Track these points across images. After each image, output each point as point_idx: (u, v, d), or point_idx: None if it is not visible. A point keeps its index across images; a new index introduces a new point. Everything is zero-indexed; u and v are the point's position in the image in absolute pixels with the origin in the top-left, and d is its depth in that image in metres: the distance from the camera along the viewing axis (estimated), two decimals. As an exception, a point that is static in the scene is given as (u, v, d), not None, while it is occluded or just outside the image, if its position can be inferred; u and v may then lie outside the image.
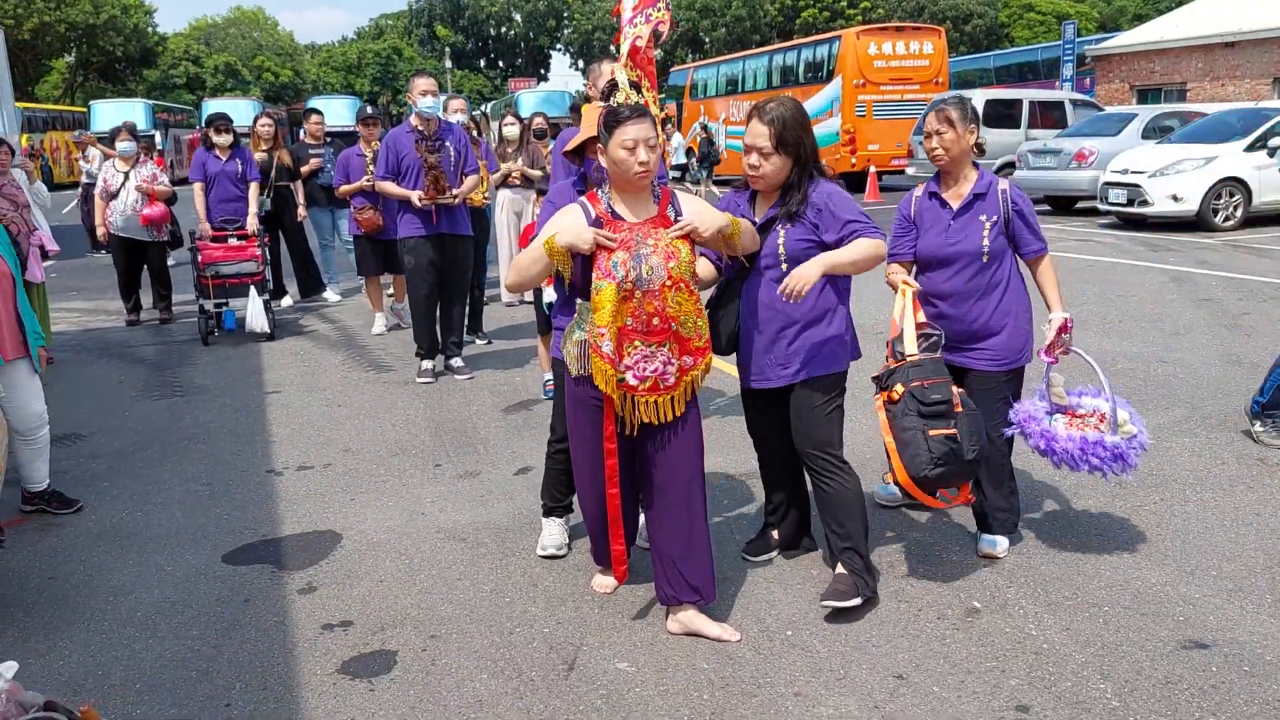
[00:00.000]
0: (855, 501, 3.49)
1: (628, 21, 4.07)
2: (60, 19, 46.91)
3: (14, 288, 4.32)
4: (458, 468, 5.08)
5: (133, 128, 9.41)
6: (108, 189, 8.88)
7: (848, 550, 3.46)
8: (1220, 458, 4.77)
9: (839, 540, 3.48)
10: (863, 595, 3.40)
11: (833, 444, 3.51)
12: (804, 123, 3.38)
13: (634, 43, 3.98)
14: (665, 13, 4.19)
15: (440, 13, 74.01)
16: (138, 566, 4.03)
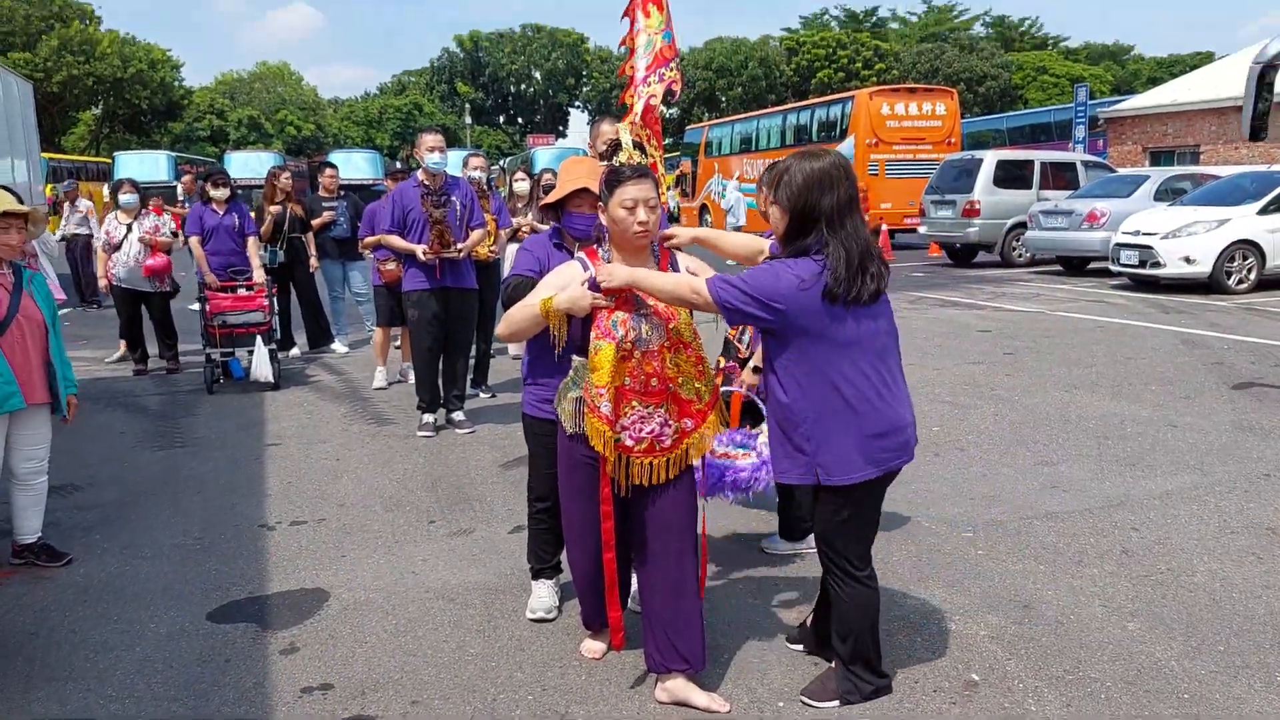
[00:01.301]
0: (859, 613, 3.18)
1: (641, 80, 4.09)
2: (89, 72, 47.89)
3: (46, 334, 4.48)
4: (452, 525, 5.01)
5: (134, 183, 9.54)
6: (111, 241, 8.95)
7: (838, 656, 3.23)
8: (1230, 527, 4.66)
9: (837, 642, 3.24)
10: (841, 700, 3.17)
11: (834, 547, 3.16)
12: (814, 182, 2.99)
13: (648, 101, 4.00)
14: (676, 72, 4.22)
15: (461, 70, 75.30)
16: (121, 623, 3.96)
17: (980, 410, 7.02)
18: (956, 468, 5.70)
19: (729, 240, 3.68)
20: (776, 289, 2.92)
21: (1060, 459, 5.81)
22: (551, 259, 3.74)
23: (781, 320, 2.94)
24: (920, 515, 4.93)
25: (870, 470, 3.04)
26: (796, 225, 3.03)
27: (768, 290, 2.92)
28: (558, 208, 3.80)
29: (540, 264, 3.72)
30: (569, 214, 3.76)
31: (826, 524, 3.13)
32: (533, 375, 3.71)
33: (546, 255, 3.77)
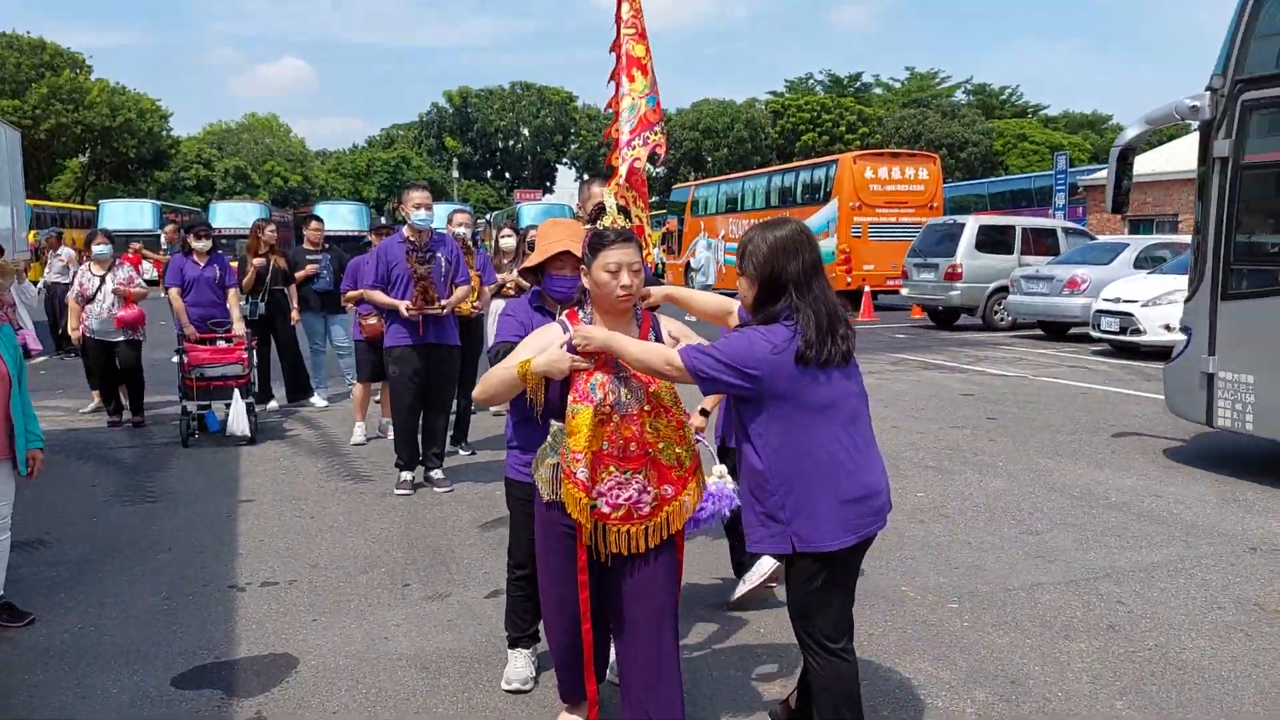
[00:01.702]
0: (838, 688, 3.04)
1: (625, 144, 4.11)
2: (77, 120, 48.06)
3: (9, 389, 4.34)
4: (427, 588, 4.90)
5: (108, 234, 9.51)
6: (84, 293, 8.86)
7: None
8: (1217, 602, 4.61)
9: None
10: None
11: (810, 620, 3.03)
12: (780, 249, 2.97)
13: (632, 164, 4.00)
14: (661, 135, 4.25)
15: (450, 124, 75.93)
16: (82, 688, 3.83)
17: (964, 476, 6.98)
18: (941, 536, 5.64)
19: (699, 299, 3.63)
20: (751, 354, 2.88)
21: (1045, 528, 5.76)
22: (533, 322, 3.69)
23: (757, 386, 2.88)
24: (904, 585, 4.86)
25: (847, 538, 2.93)
26: (765, 293, 2.99)
27: (741, 356, 2.88)
28: (538, 270, 3.75)
29: (524, 328, 3.66)
30: (550, 276, 3.70)
31: (801, 595, 3.02)
32: (517, 439, 3.65)
33: (529, 318, 3.72)
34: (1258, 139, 6.78)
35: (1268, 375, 6.57)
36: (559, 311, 3.71)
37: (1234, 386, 6.80)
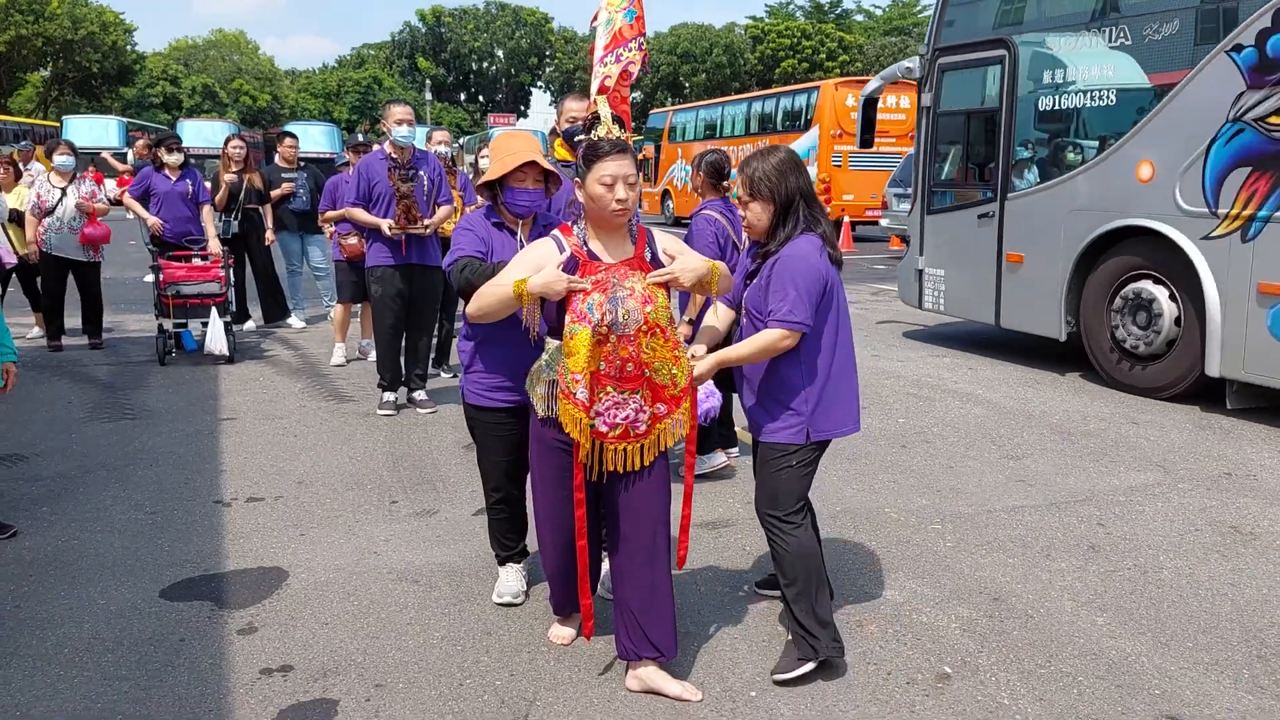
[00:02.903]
0: (796, 560, 3.28)
1: (598, 60, 3.99)
2: (38, 32, 46.57)
3: None
4: (414, 505, 4.90)
5: (71, 145, 9.13)
6: (42, 206, 8.49)
7: (786, 611, 3.33)
8: (1194, 523, 4.69)
9: (786, 593, 3.31)
10: (806, 659, 3.22)
11: (782, 504, 3.30)
12: (782, 169, 3.25)
13: (603, 81, 3.89)
14: (638, 53, 4.12)
15: (423, 45, 74.33)
16: (70, 599, 3.81)
17: (945, 404, 7.04)
18: (923, 460, 5.69)
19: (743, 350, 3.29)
20: (819, 274, 3.17)
21: (1025, 453, 5.83)
22: (492, 237, 3.61)
23: (830, 298, 3.22)
24: (888, 507, 4.92)
25: (853, 426, 3.35)
26: (783, 212, 3.26)
27: (816, 282, 3.16)
28: (495, 186, 3.64)
29: (484, 243, 3.58)
30: (511, 190, 3.56)
31: (785, 481, 3.28)
32: (480, 362, 3.59)
33: (487, 233, 3.61)
34: (948, 93, 8.88)
35: (953, 270, 8.84)
36: (518, 226, 3.64)
37: (933, 279, 9.06)
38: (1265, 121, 6.25)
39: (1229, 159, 6.50)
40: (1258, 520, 4.75)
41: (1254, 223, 6.36)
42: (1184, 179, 6.77)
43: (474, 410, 3.66)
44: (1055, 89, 7.83)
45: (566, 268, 3.03)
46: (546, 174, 3.61)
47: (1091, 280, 7.59)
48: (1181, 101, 6.78)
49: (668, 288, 3.10)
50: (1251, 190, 6.35)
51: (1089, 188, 7.52)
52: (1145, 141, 7.04)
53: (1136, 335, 7.25)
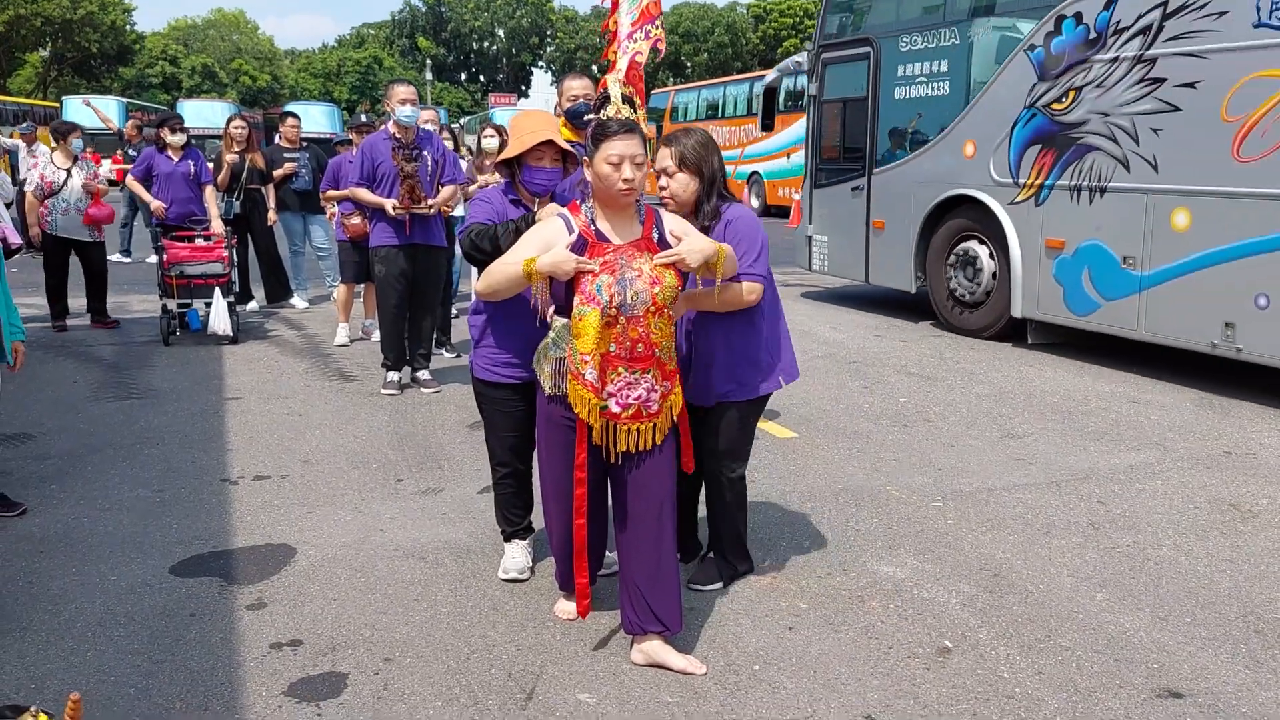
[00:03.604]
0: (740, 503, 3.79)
1: (626, 36, 3.99)
2: (37, 12, 46.39)
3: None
4: (420, 483, 4.94)
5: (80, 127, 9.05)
6: (48, 187, 8.42)
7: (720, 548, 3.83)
8: (1194, 501, 4.73)
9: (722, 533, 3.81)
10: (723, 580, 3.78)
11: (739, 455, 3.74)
12: (708, 145, 3.54)
13: (633, 58, 3.90)
14: (661, 30, 4.13)
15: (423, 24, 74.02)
16: (80, 575, 3.86)
17: (946, 383, 7.07)
18: (924, 439, 5.73)
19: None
20: (764, 234, 3.52)
21: (1026, 432, 5.86)
22: (508, 213, 3.64)
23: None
24: (889, 485, 4.96)
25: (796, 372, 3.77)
26: (708, 187, 3.50)
27: (765, 241, 3.51)
28: (513, 163, 3.67)
29: (500, 216, 3.61)
30: (528, 168, 3.61)
31: (748, 434, 3.70)
32: (491, 337, 3.62)
33: (504, 208, 3.66)
34: (830, 84, 10.20)
35: (834, 236, 10.22)
36: (535, 205, 3.66)
37: (820, 244, 10.46)
38: (1050, 107, 7.68)
39: (1026, 138, 7.92)
40: (1257, 498, 4.79)
41: (1043, 190, 7.83)
42: (996, 155, 8.21)
43: (482, 385, 3.69)
44: (907, 81, 9.18)
45: (574, 248, 3.04)
46: (564, 154, 3.64)
47: (933, 241, 9.01)
48: (994, 91, 8.22)
49: (675, 268, 3.12)
50: (1042, 163, 7.79)
51: (930, 164, 8.90)
52: (969, 125, 8.48)
53: (965, 286, 8.72)
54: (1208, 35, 6.52)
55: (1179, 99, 6.73)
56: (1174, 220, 6.81)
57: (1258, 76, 6.23)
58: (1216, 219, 6.54)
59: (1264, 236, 6.26)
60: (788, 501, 4.71)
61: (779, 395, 6.54)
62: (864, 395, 6.70)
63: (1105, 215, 7.32)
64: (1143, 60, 6.93)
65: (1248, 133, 6.30)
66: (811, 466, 5.23)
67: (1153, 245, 6.98)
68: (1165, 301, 6.93)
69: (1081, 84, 7.39)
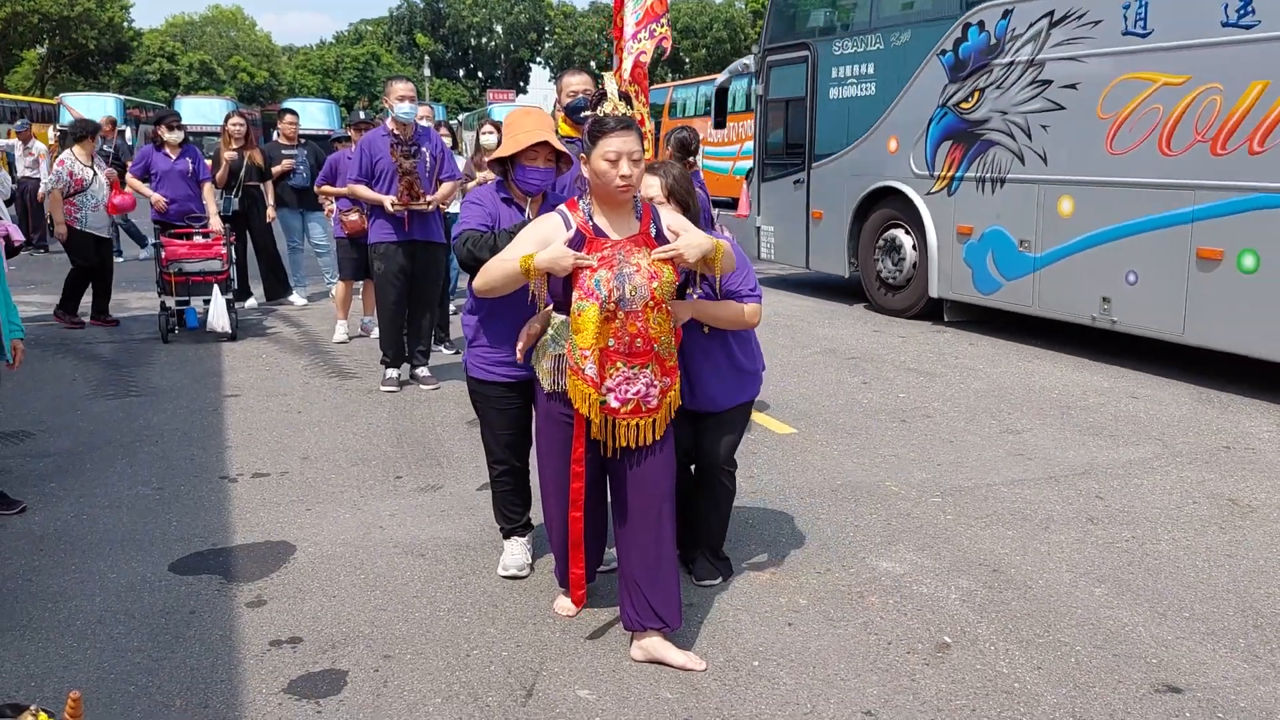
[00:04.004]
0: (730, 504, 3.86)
1: (631, 36, 4.00)
2: (34, 9, 46.30)
3: None
4: (419, 480, 4.94)
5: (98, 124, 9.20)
6: (78, 184, 8.47)
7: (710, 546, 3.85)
8: (1192, 496, 4.73)
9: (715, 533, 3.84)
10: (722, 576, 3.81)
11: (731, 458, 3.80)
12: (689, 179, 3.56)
13: (638, 58, 3.91)
14: (666, 28, 4.14)
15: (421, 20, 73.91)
16: (80, 573, 3.86)
17: (945, 379, 7.07)
18: (923, 434, 5.73)
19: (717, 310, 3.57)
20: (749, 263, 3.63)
21: (1024, 427, 5.86)
22: (500, 212, 3.64)
23: None
24: (889, 481, 4.96)
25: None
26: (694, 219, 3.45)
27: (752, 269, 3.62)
28: (507, 161, 3.66)
29: (492, 218, 3.61)
30: (522, 167, 3.61)
31: (742, 433, 3.80)
32: (484, 336, 3.62)
33: (496, 208, 3.65)
34: (774, 85, 10.87)
35: (779, 226, 10.87)
36: (527, 204, 3.66)
37: (767, 234, 11.09)
38: (959, 106, 8.40)
39: (940, 134, 8.63)
40: (1255, 493, 4.79)
41: (954, 181, 8.55)
42: (915, 150, 8.92)
43: (476, 384, 3.69)
44: (840, 83, 9.87)
45: (573, 243, 3.04)
46: (558, 154, 3.63)
47: (864, 229, 9.76)
48: (912, 92, 8.90)
49: (673, 263, 3.12)
50: (953, 157, 8.53)
51: (860, 158, 9.62)
52: (893, 122, 9.20)
53: (890, 270, 9.47)
54: (1085, 41, 7.26)
55: (1063, 98, 7.49)
56: (1060, 207, 7.63)
57: (1126, 78, 6.99)
58: (1094, 205, 7.32)
59: (1132, 220, 7.03)
60: (787, 497, 4.71)
61: (778, 391, 6.57)
62: (863, 391, 6.70)
63: (1005, 204, 8.09)
64: (1034, 64, 7.69)
65: (1119, 128, 7.07)
66: (810, 462, 5.23)
67: (1043, 230, 7.78)
68: (1054, 280, 7.73)
69: (984, 85, 8.13)
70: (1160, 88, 6.76)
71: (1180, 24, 6.65)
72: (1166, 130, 6.74)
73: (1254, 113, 6.23)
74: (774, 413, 6.10)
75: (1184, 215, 6.68)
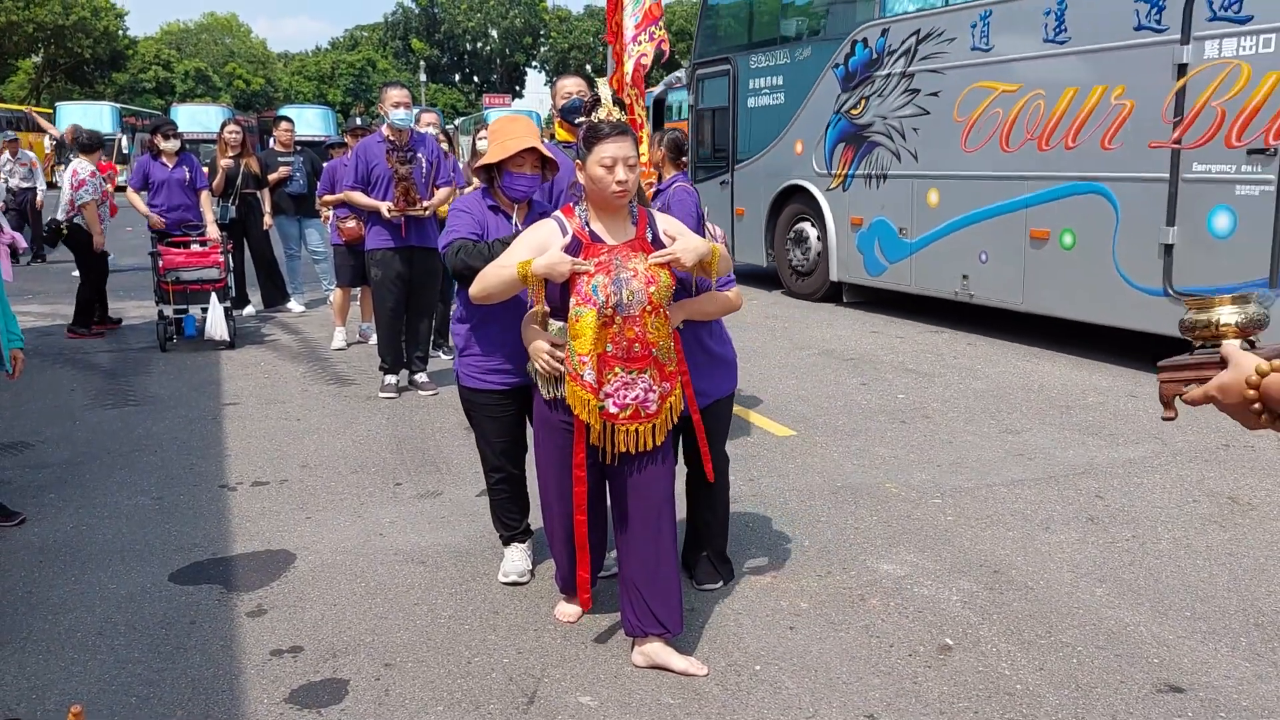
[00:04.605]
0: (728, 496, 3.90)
1: (631, 39, 4.00)
2: (29, 19, 46.26)
3: None
4: (419, 487, 4.94)
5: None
6: (104, 196, 8.77)
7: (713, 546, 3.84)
8: (1192, 495, 4.73)
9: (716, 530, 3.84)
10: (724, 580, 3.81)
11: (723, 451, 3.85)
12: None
13: (639, 61, 3.91)
14: (664, 31, 4.14)
15: (416, 26, 73.83)
16: (80, 584, 3.86)
17: (944, 379, 7.07)
18: (922, 435, 5.73)
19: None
20: None
21: (1024, 427, 5.86)
22: (488, 220, 3.63)
23: None
24: (889, 482, 4.96)
25: None
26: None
27: None
28: (493, 168, 3.65)
29: (480, 226, 3.60)
30: (510, 174, 3.59)
31: (726, 429, 3.82)
32: (476, 345, 3.61)
33: (483, 215, 3.64)
34: (704, 95, 12.04)
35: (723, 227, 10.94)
36: (513, 210, 3.66)
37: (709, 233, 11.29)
38: (850, 112, 9.61)
39: (835, 138, 9.81)
40: (1255, 491, 4.79)
41: (848, 178, 9.74)
42: (816, 152, 10.10)
43: (470, 393, 3.69)
44: (756, 93, 10.96)
45: (569, 249, 3.05)
46: (545, 160, 3.63)
47: (778, 224, 10.87)
48: (813, 100, 10.09)
49: (670, 268, 3.12)
50: (846, 157, 9.70)
51: (774, 160, 10.75)
52: (799, 128, 10.35)
53: (799, 259, 10.64)
54: (944, 56, 8.48)
55: (928, 105, 8.70)
56: (929, 198, 8.86)
57: (975, 87, 8.23)
58: (954, 196, 8.58)
59: (982, 208, 8.30)
60: (786, 500, 4.71)
61: (777, 394, 6.57)
62: (861, 392, 6.70)
63: (887, 197, 9.32)
64: (906, 75, 8.88)
65: (970, 129, 8.31)
66: (810, 465, 5.23)
67: (916, 219, 9.01)
68: (926, 261, 8.98)
69: (869, 94, 9.35)
70: (1000, 94, 8.00)
71: (1013, 40, 7.89)
72: (1005, 130, 7.99)
73: (1068, 114, 7.45)
74: (773, 415, 6.10)
75: (1019, 202, 7.95)
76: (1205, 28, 6.52)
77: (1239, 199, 6.43)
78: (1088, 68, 7.28)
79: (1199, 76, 6.57)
